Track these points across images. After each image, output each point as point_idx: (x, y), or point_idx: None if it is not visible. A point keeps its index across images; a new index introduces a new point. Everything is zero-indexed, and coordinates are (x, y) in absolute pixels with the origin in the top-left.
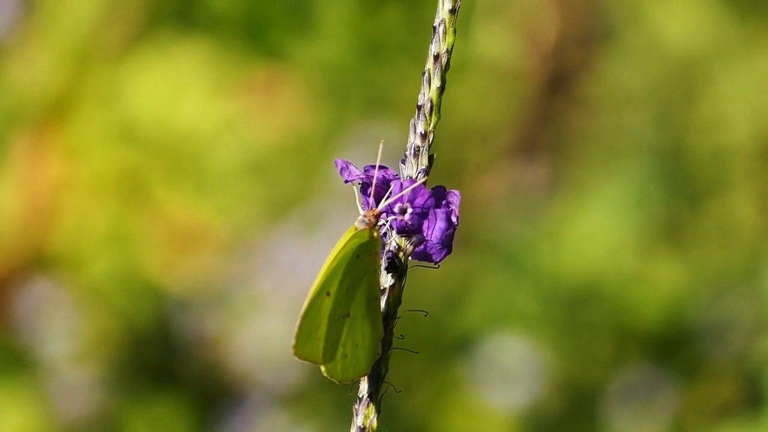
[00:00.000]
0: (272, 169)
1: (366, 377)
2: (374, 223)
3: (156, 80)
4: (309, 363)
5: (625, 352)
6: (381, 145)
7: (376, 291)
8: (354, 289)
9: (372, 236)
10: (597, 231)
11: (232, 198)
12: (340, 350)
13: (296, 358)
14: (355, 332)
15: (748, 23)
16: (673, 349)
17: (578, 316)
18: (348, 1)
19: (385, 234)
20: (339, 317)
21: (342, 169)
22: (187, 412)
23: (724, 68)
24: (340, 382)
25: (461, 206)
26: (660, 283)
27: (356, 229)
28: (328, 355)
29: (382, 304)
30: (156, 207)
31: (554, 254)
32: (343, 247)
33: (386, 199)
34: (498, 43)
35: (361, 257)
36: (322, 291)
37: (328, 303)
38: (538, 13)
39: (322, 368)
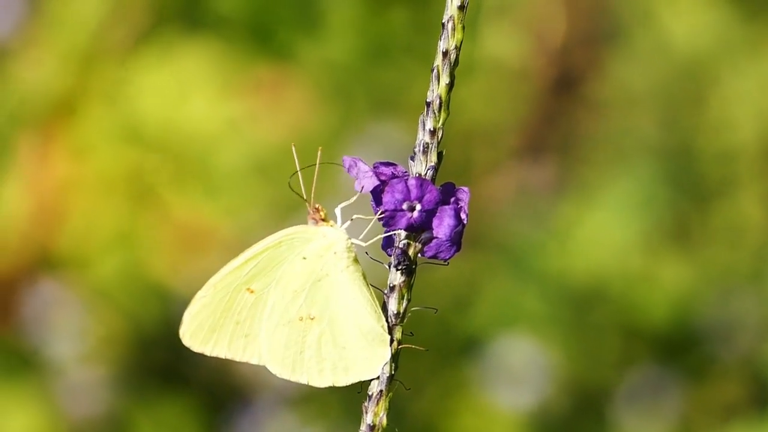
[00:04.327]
0: (278, 170)
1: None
2: (321, 219)
3: (162, 81)
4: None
5: (632, 353)
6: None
7: (351, 291)
8: (314, 291)
9: (324, 236)
10: (604, 231)
11: (239, 198)
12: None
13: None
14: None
15: (754, 25)
16: (681, 349)
17: (585, 316)
18: (354, 1)
19: (392, 235)
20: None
21: (350, 167)
22: (195, 413)
23: (730, 70)
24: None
25: (469, 205)
26: (667, 283)
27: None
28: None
29: (392, 301)
30: (163, 208)
31: (561, 255)
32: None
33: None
34: (505, 44)
35: (310, 259)
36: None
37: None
38: (545, 13)
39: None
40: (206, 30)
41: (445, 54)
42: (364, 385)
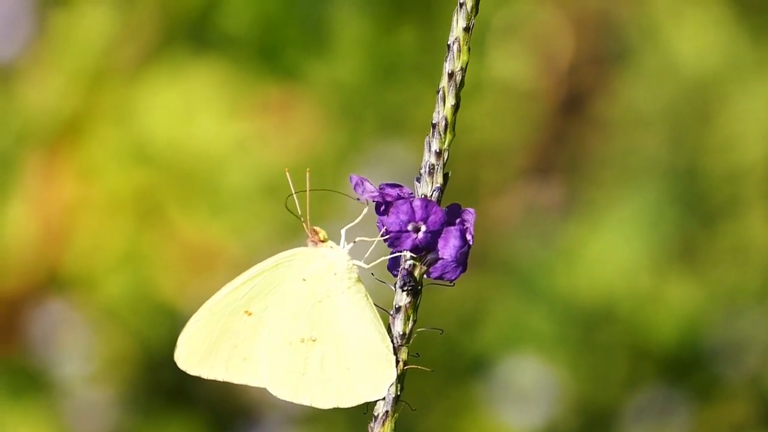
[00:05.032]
0: (286, 190)
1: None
2: (320, 241)
3: (170, 101)
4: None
5: (640, 373)
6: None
7: (354, 312)
8: (315, 313)
9: (323, 257)
10: (612, 251)
11: (246, 218)
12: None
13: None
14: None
15: (761, 45)
16: (688, 369)
17: (593, 336)
18: (362, 21)
19: (398, 256)
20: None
21: (356, 185)
22: None
23: (737, 89)
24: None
25: (476, 226)
26: (675, 303)
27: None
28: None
29: (398, 322)
30: (170, 227)
31: (569, 275)
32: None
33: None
34: (512, 64)
35: (310, 280)
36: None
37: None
38: (552, 34)
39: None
40: (214, 50)
41: (451, 75)
42: (370, 405)
